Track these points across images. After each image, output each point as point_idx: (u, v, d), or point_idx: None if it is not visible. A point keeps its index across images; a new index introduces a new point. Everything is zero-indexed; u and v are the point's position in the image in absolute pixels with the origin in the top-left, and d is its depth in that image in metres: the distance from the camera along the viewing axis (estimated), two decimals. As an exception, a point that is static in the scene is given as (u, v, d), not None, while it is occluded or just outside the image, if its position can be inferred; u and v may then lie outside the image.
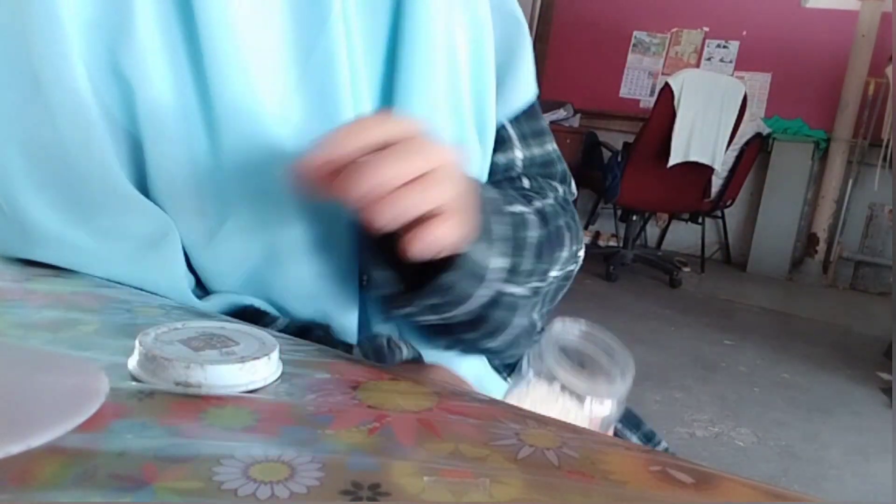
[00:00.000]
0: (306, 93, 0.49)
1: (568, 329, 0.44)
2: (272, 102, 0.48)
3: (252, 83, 0.47)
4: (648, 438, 0.64)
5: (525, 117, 0.64)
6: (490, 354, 0.59)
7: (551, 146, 0.65)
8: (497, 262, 0.46)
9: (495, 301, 0.48)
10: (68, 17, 0.45)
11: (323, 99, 0.49)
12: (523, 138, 0.63)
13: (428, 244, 0.40)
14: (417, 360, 0.45)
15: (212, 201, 0.48)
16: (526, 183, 0.62)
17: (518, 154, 0.63)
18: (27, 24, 0.46)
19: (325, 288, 0.51)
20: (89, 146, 0.47)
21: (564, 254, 0.57)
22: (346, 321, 0.52)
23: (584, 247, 0.62)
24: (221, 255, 0.50)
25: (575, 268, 0.60)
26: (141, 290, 0.49)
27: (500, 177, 0.62)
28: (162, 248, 0.49)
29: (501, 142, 0.62)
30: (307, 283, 0.51)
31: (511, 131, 0.63)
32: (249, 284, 0.51)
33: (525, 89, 0.63)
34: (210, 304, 0.50)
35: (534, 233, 0.53)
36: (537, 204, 0.57)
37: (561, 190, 0.64)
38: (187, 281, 0.50)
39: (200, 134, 0.48)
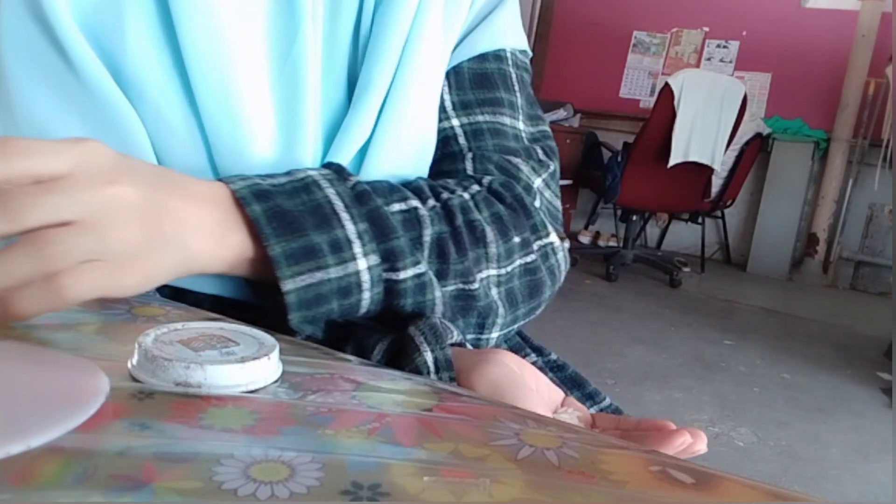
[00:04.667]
0: (279, 98, 0.50)
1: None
2: (252, 106, 0.49)
3: (234, 88, 0.48)
4: (592, 398, 0.60)
5: (473, 83, 0.60)
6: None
7: (510, 120, 0.60)
8: (365, 262, 0.43)
9: (392, 291, 0.45)
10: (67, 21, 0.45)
11: (291, 104, 0.50)
12: (465, 106, 0.59)
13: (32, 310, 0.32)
14: (462, 345, 0.45)
15: None
16: (469, 165, 0.58)
17: (454, 122, 0.59)
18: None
19: None
20: (129, 134, 0.47)
21: (493, 249, 0.52)
22: None
23: (547, 234, 0.57)
24: None
25: (536, 258, 0.55)
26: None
27: (438, 154, 0.58)
28: None
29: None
30: None
31: (445, 97, 0.59)
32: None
33: (478, 42, 0.59)
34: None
35: (429, 230, 0.49)
36: (445, 197, 0.52)
37: (525, 169, 0.59)
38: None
39: (194, 134, 0.48)
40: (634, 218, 4.08)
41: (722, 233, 4.72)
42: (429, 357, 0.41)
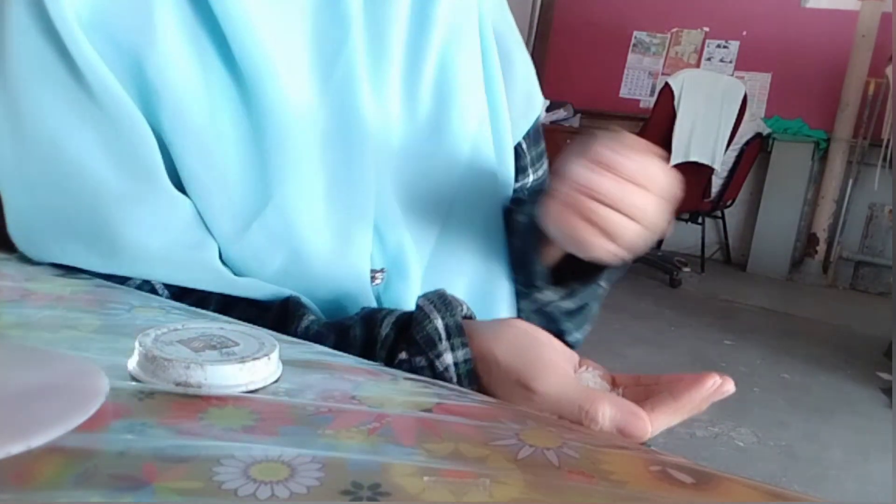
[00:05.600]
0: (330, 104, 0.51)
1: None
2: (301, 110, 0.49)
3: (283, 91, 0.48)
4: None
5: (533, 138, 0.66)
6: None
7: (545, 167, 0.68)
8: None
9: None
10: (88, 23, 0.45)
11: (344, 110, 0.51)
12: (532, 163, 0.66)
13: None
14: (471, 318, 0.47)
15: (240, 202, 0.49)
16: None
17: (530, 178, 0.65)
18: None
19: (341, 290, 0.52)
20: (138, 145, 0.47)
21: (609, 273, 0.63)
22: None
23: None
24: (248, 255, 0.50)
25: (602, 290, 0.67)
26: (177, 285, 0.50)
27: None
28: (200, 248, 0.49)
29: (521, 168, 0.65)
30: (328, 283, 0.51)
31: (526, 153, 0.65)
32: (276, 281, 0.51)
33: (535, 105, 0.66)
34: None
35: None
36: None
37: None
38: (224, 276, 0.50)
39: (233, 137, 0.48)
40: (634, 218, 4.08)
41: (722, 233, 4.71)
42: (439, 323, 0.43)
